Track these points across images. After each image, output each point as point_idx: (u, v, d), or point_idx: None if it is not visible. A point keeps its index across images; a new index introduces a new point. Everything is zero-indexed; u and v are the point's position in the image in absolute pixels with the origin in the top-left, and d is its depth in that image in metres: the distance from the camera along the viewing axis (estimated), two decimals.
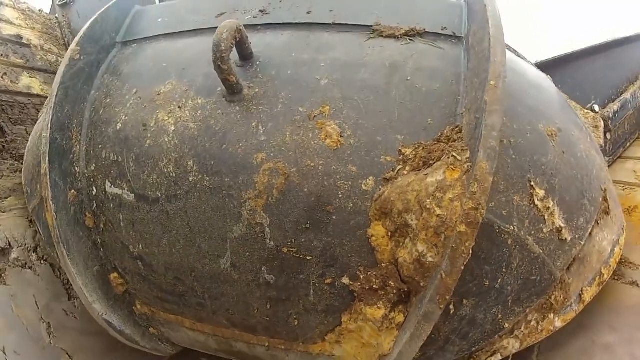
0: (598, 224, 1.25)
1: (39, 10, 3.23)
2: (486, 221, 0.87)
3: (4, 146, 1.92)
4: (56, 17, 3.42)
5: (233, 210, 0.92)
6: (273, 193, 0.92)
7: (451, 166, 0.76)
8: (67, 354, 1.40)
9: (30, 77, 2.29)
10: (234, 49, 0.98)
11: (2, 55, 2.29)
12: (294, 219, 0.89)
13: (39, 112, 2.02)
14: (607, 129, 2.40)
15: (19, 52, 2.40)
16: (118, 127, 1.09)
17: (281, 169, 0.91)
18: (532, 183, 0.94)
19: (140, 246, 1.04)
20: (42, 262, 1.58)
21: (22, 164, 1.78)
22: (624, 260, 1.65)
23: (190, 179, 0.93)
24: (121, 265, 1.16)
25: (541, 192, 0.94)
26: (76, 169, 1.15)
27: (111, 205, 1.08)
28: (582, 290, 1.14)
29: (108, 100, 1.18)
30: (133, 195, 1.01)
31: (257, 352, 1.15)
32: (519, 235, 0.91)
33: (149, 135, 1.00)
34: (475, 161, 0.71)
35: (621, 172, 2.36)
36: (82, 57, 1.23)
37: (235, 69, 0.93)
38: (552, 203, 0.97)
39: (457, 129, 0.85)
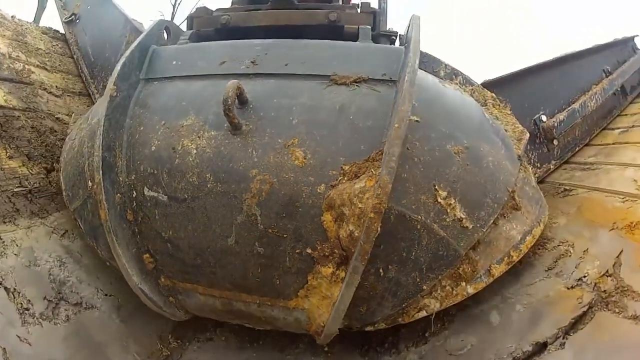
0: (504, 216, 1.82)
1: (12, 17, 3.51)
2: (400, 212, 1.45)
3: None
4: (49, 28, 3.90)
5: (237, 205, 1.50)
6: (262, 194, 1.50)
7: (370, 177, 1.34)
8: None
9: None
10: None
11: None
12: (275, 211, 1.47)
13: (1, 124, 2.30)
14: (552, 137, 2.98)
15: None
16: (152, 149, 1.67)
17: (267, 179, 1.50)
18: (436, 187, 1.52)
19: (170, 232, 1.62)
20: None
21: None
22: (625, 288, 1.53)
23: (208, 185, 1.51)
24: (153, 247, 1.74)
25: (444, 193, 1.52)
26: (120, 178, 1.72)
27: (148, 204, 1.66)
28: (490, 267, 1.68)
29: (142, 128, 1.76)
30: (166, 197, 1.59)
31: (251, 309, 1.74)
32: (425, 222, 1.48)
33: (177, 156, 1.58)
34: (381, 175, 1.30)
35: (620, 181, 2.28)
36: (118, 94, 1.80)
37: (236, 112, 1.52)
38: (453, 201, 1.55)
39: (380, 153, 1.43)
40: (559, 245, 2.02)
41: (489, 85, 2.63)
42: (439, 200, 1.50)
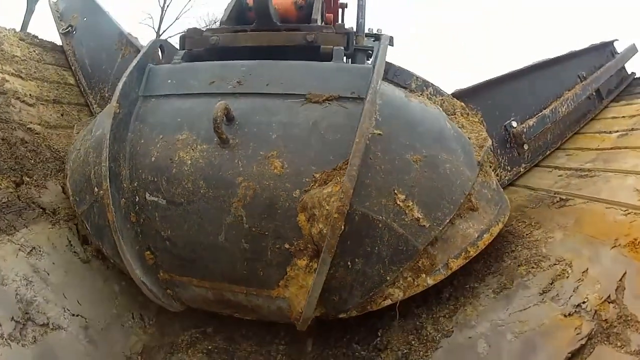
0: (461, 216, 2.11)
1: None
2: (364, 213, 1.77)
3: None
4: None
5: (225, 208, 1.80)
6: (247, 198, 1.81)
7: (336, 184, 1.67)
8: None
9: None
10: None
11: None
12: (258, 212, 1.78)
13: None
14: (522, 142, 3.24)
15: None
16: (152, 159, 1.98)
17: (251, 186, 1.81)
18: (396, 191, 1.84)
19: (169, 231, 1.93)
20: None
21: None
22: (628, 317, 1.43)
23: (201, 191, 1.82)
24: (153, 245, 2.05)
25: (402, 196, 1.84)
26: (124, 184, 2.03)
27: (149, 207, 1.97)
28: (448, 261, 1.96)
29: (142, 141, 2.07)
30: (165, 201, 1.90)
31: (239, 298, 2.05)
32: (386, 221, 1.79)
33: (174, 166, 1.89)
34: (344, 182, 1.62)
35: (621, 191, 2.18)
36: (120, 111, 2.11)
37: (224, 128, 1.84)
38: (411, 203, 1.86)
39: (345, 163, 1.74)
40: (555, 264, 1.92)
41: (461, 94, 2.93)
42: (398, 202, 1.82)
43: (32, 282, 2.04)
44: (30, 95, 3.19)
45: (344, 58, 2.31)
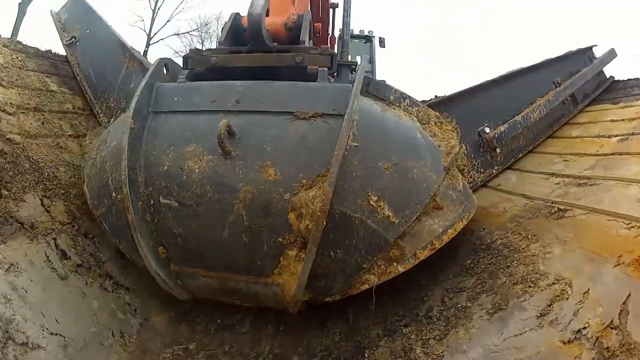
0: (427, 214, 2.51)
1: None
2: (343, 212, 2.18)
3: None
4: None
5: (229, 209, 2.23)
6: (247, 200, 2.22)
7: (319, 188, 2.10)
8: None
9: None
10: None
11: None
12: (255, 211, 2.19)
13: None
14: (494, 146, 3.58)
15: None
16: (165, 168, 2.40)
17: (250, 190, 2.22)
18: (369, 193, 2.26)
19: (180, 229, 2.35)
20: None
21: None
22: (632, 346, 1.32)
23: (208, 195, 2.24)
24: (166, 241, 2.46)
25: (375, 198, 2.26)
26: (140, 190, 2.43)
27: (163, 209, 2.39)
28: (416, 252, 2.37)
29: (155, 152, 2.47)
30: (177, 203, 2.33)
31: (240, 285, 2.49)
32: (361, 218, 2.20)
33: (184, 174, 2.31)
34: (325, 187, 2.05)
35: (623, 202, 2.07)
36: (135, 126, 2.53)
37: (227, 142, 2.28)
38: (382, 203, 2.29)
39: (327, 170, 2.16)
40: (554, 284, 1.84)
41: (438, 103, 3.36)
42: (372, 202, 2.23)
43: (10, 300, 2.02)
44: (10, 103, 3.20)
45: (328, 77, 2.71)
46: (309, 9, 4.34)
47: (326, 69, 2.69)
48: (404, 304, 2.52)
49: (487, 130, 3.58)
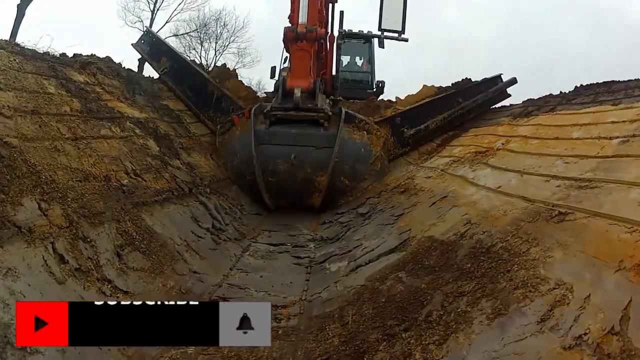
0: (361, 181, 6.79)
1: None
2: (333, 182, 6.63)
3: None
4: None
5: (293, 179, 6.55)
6: (299, 178, 6.47)
7: (325, 173, 6.49)
8: None
9: None
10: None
11: None
12: (302, 184, 6.46)
13: None
14: (409, 139, 7.38)
15: None
16: (270, 167, 6.55)
17: (302, 175, 6.49)
18: (342, 177, 6.63)
19: (276, 181, 6.65)
20: None
21: None
22: (633, 353, 1.31)
23: (284, 175, 6.75)
24: (268, 187, 6.59)
25: (344, 177, 6.66)
26: (259, 162, 6.45)
27: (270, 172, 6.61)
28: (358, 190, 6.78)
29: (263, 159, 6.57)
30: (275, 170, 6.57)
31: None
32: (340, 182, 6.66)
33: (277, 165, 6.65)
34: (327, 173, 6.58)
35: (625, 205, 2.03)
36: (255, 132, 6.64)
37: (292, 159, 6.44)
38: (346, 179, 6.71)
39: (327, 170, 6.53)
40: (554, 289, 1.81)
41: (382, 120, 7.32)
42: (343, 179, 6.52)
43: (8, 305, 1.99)
44: (8, 106, 3.14)
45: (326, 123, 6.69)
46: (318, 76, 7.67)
47: (327, 122, 6.61)
48: (403, 308, 2.47)
49: (405, 131, 7.33)
